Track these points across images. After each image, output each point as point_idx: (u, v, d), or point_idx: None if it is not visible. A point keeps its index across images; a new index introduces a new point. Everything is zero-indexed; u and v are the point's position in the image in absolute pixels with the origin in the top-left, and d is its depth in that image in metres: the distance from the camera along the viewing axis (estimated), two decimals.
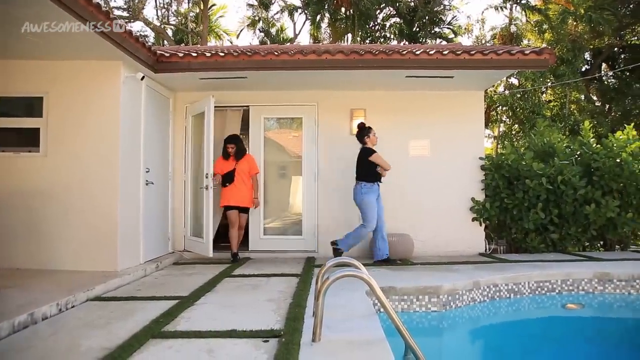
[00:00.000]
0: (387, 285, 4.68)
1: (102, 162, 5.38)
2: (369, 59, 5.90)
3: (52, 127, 5.44)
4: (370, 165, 6.25)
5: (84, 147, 5.40)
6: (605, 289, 5.49)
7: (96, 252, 5.29)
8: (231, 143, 6.63)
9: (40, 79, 5.46)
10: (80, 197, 5.36)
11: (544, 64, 6.20)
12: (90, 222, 5.34)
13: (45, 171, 5.42)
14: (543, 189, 6.98)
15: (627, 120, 19.00)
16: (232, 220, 6.59)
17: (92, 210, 5.35)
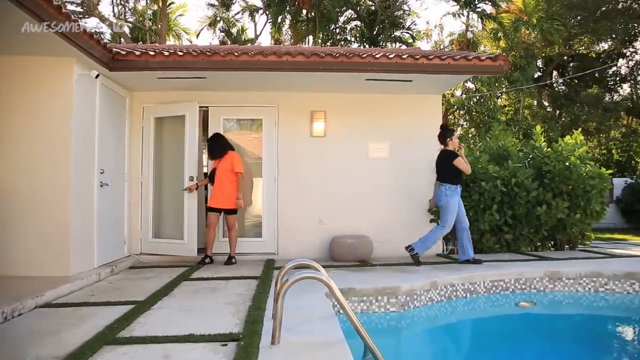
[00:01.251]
0: (346, 286, 4.71)
1: (52, 163, 5.17)
2: (330, 61, 5.92)
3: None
4: (453, 167, 6.20)
5: (33, 147, 5.17)
6: (555, 287, 5.71)
7: (46, 256, 5.08)
8: (208, 142, 6.57)
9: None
10: (29, 200, 5.12)
11: (498, 70, 6.39)
12: (40, 225, 5.11)
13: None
14: (498, 191, 7.19)
15: (576, 125, 19.81)
16: (208, 223, 6.50)
17: (42, 213, 5.13)
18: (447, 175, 6.23)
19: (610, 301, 5.53)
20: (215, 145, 6.51)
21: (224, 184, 6.37)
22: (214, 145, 6.52)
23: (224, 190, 6.37)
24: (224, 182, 6.38)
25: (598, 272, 5.74)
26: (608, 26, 19.83)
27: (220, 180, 6.38)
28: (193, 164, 6.79)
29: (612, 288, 5.66)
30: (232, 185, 6.40)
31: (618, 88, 25.56)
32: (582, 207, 7.49)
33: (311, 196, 7.13)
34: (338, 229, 7.01)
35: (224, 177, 6.38)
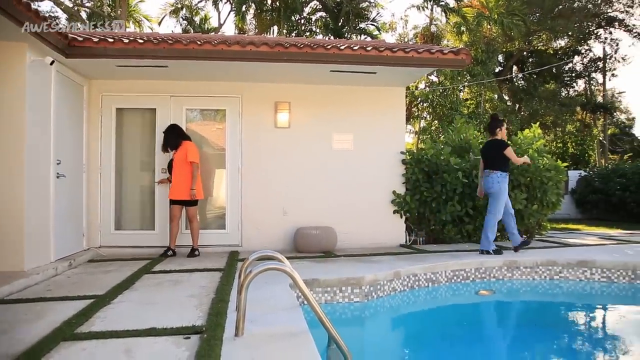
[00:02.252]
0: (310, 277, 4.73)
1: (5, 154, 4.95)
2: (294, 52, 5.88)
3: None
4: (503, 156, 6.29)
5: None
6: (513, 276, 5.89)
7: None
8: (164, 134, 6.44)
9: None
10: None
11: (460, 64, 6.50)
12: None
13: None
14: (459, 183, 7.34)
15: (534, 119, 20.47)
16: (171, 215, 6.37)
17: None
18: (498, 163, 6.34)
19: (564, 288, 5.76)
20: (169, 136, 6.37)
21: (180, 175, 6.24)
22: (167, 136, 6.38)
23: (181, 182, 6.24)
24: (180, 173, 6.24)
25: (553, 260, 5.95)
26: (564, 24, 20.46)
27: (178, 172, 6.25)
28: (165, 156, 6.73)
29: (566, 276, 5.89)
30: (187, 176, 6.28)
31: (573, 84, 26.49)
32: (539, 199, 7.75)
33: (275, 187, 7.10)
34: (302, 220, 7.02)
35: (180, 168, 6.25)
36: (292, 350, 2.80)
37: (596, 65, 25.93)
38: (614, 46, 24.91)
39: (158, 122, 6.93)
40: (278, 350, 2.79)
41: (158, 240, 6.78)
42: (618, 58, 25.49)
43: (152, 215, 6.94)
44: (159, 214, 6.89)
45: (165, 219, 6.79)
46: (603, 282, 5.77)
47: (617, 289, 5.66)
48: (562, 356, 4.03)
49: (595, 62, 25.86)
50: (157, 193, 6.91)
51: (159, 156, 6.89)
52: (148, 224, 6.96)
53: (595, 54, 25.85)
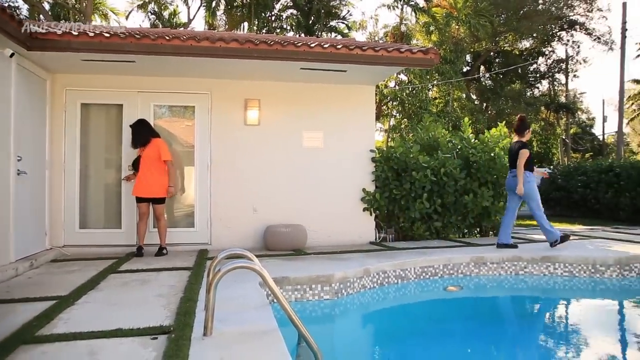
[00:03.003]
0: (280, 275, 4.71)
1: None
2: (264, 49, 5.84)
3: None
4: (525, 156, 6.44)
5: None
6: (480, 272, 6.01)
7: None
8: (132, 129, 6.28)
9: None
10: None
11: (429, 63, 6.58)
12: None
13: None
14: (428, 181, 7.44)
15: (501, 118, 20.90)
16: (139, 213, 6.25)
17: None
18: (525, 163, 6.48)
19: (529, 283, 5.90)
20: (140, 131, 6.21)
21: (150, 172, 6.10)
22: (137, 132, 6.22)
23: (151, 179, 6.10)
24: (150, 171, 6.10)
25: (518, 256, 6.10)
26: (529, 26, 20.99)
27: (147, 169, 6.10)
28: (133, 152, 6.57)
29: (531, 271, 6.04)
30: (161, 174, 6.14)
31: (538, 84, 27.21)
32: (504, 196, 7.90)
33: (245, 185, 7.05)
34: (272, 218, 6.99)
35: (150, 165, 6.10)
36: (262, 349, 2.78)
37: (559, 67, 26.71)
38: (575, 48, 25.73)
39: (125, 119, 6.78)
40: (247, 349, 2.77)
41: (125, 239, 6.64)
42: (579, 60, 26.34)
43: (119, 214, 6.79)
44: (126, 212, 6.75)
45: (132, 217, 6.67)
46: (565, 277, 5.94)
47: (578, 282, 5.85)
48: (527, 349, 4.13)
49: (558, 64, 26.63)
50: (123, 191, 6.76)
51: (125, 153, 6.74)
52: (114, 222, 6.81)
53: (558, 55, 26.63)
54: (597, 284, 5.79)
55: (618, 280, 5.83)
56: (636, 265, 5.96)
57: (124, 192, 6.75)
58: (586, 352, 4.06)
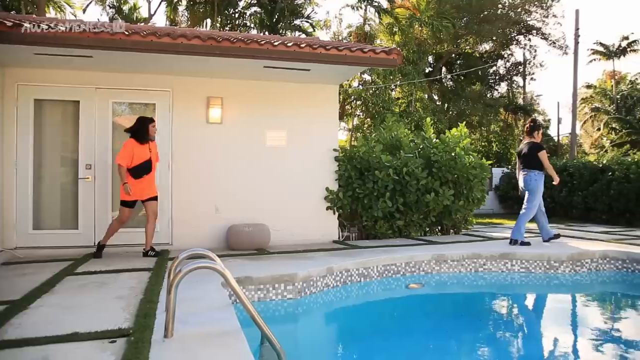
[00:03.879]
0: (243, 275, 4.68)
1: None
2: (227, 46, 5.77)
3: None
4: (538, 157, 6.92)
5: None
6: (441, 269, 6.13)
7: None
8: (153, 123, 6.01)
9: None
10: None
11: (392, 63, 6.65)
12: None
13: None
14: (390, 180, 7.52)
15: (461, 118, 21.38)
16: (156, 212, 6.06)
17: None
18: (536, 163, 6.97)
19: (487, 279, 6.06)
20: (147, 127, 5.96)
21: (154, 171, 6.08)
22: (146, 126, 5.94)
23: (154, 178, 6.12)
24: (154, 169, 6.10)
25: (478, 253, 6.25)
26: (489, 29, 21.54)
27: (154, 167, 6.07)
28: (89, 151, 6.46)
29: (490, 268, 6.20)
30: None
31: (497, 86, 27.98)
32: (465, 195, 8.10)
33: (207, 184, 6.95)
34: (235, 217, 6.92)
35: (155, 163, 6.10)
36: (224, 350, 2.75)
37: (517, 69, 27.54)
38: (532, 52, 26.61)
39: (82, 116, 6.58)
40: (209, 350, 2.73)
41: (82, 240, 6.45)
42: (536, 63, 27.26)
43: (75, 214, 6.57)
44: (83, 212, 6.54)
45: (90, 218, 6.51)
46: (522, 273, 6.13)
47: (534, 278, 6.04)
48: (487, 344, 4.23)
49: (516, 67, 27.46)
50: (80, 190, 6.55)
51: (83, 151, 6.54)
52: (70, 222, 6.59)
53: (517, 58, 27.45)
54: (551, 279, 6.00)
55: (570, 276, 6.06)
56: (587, 261, 6.21)
57: (81, 192, 6.55)
58: (541, 344, 4.21)
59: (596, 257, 6.27)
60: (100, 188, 6.60)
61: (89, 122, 6.60)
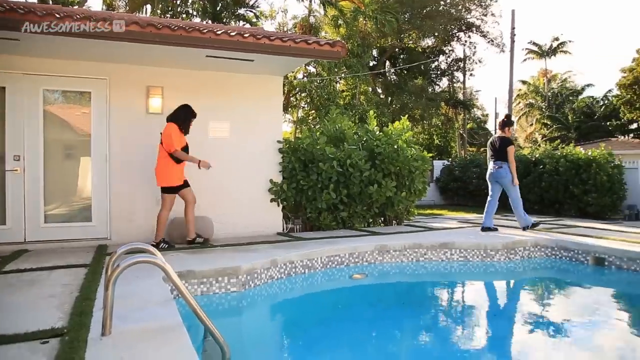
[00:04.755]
0: (185, 269, 4.58)
1: None
2: (167, 34, 5.58)
3: None
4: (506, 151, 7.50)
5: None
6: (384, 259, 6.25)
7: None
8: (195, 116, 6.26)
9: None
10: None
11: (336, 56, 6.68)
12: None
13: None
14: (334, 172, 7.58)
15: (404, 112, 21.83)
16: (195, 198, 6.25)
17: None
18: (505, 156, 7.51)
19: (428, 268, 6.25)
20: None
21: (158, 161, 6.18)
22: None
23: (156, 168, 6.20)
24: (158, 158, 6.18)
25: (419, 243, 6.43)
26: (431, 25, 22.06)
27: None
28: (17, 141, 6.11)
29: (430, 257, 6.40)
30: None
31: (439, 81, 28.79)
32: (407, 186, 8.30)
33: (148, 176, 6.70)
34: (177, 210, 6.72)
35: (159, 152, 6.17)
36: (165, 346, 2.68)
37: (458, 65, 28.41)
38: (472, 49, 27.52)
39: (8, 104, 6.16)
40: (150, 347, 2.66)
41: (10, 236, 6.07)
42: (475, 60, 28.21)
43: (3, 208, 6.17)
44: (12, 207, 6.14)
45: (19, 212, 6.14)
46: (461, 261, 6.37)
47: (472, 266, 6.29)
48: (429, 330, 4.38)
49: (457, 62, 28.32)
50: (8, 183, 6.15)
51: (9, 142, 6.13)
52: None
53: (457, 54, 28.32)
54: (487, 267, 6.27)
55: (505, 263, 6.35)
56: (520, 249, 6.53)
57: (9, 185, 6.16)
58: (479, 328, 4.39)
59: (528, 245, 6.60)
60: (30, 181, 6.23)
61: (17, 110, 6.20)
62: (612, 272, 5.82)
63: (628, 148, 22.83)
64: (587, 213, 11.07)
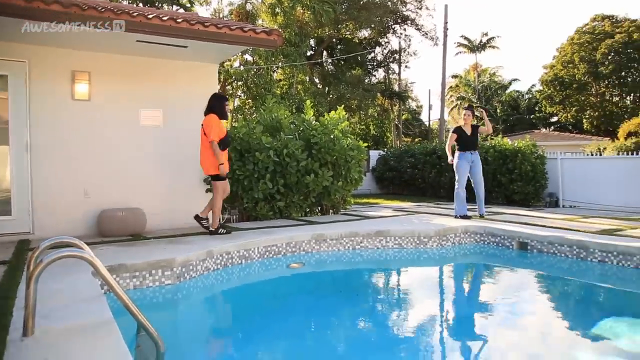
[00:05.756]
0: (116, 263, 4.41)
1: None
2: (93, 15, 5.27)
3: None
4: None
5: None
6: (321, 248, 6.31)
7: None
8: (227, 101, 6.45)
9: None
10: None
11: (272, 44, 6.61)
12: None
13: None
14: (271, 161, 7.54)
15: (341, 102, 22.03)
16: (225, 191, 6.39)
17: None
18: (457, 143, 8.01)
19: (364, 256, 6.38)
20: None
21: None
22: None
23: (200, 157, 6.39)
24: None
25: (355, 232, 6.54)
26: (368, 16, 22.33)
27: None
28: None
29: (366, 245, 6.53)
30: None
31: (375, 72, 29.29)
32: (343, 176, 8.40)
33: (74, 166, 6.39)
34: (107, 201, 6.47)
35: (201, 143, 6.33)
36: (94, 343, 2.57)
37: (393, 57, 29.02)
38: (407, 41, 28.19)
39: None
40: (77, 346, 2.53)
41: None
42: (410, 52, 28.93)
43: None
44: None
45: None
46: (395, 249, 6.55)
47: (406, 253, 6.48)
48: (365, 316, 4.46)
49: (392, 54, 28.91)
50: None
51: None
52: None
53: (393, 46, 28.90)
54: (421, 253, 6.48)
55: (437, 250, 6.60)
56: (451, 236, 6.80)
57: None
58: (414, 313, 4.54)
59: (459, 232, 6.89)
60: None
61: None
62: (534, 255, 6.19)
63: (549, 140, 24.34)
64: (513, 201, 11.71)
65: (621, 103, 33.59)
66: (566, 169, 11.97)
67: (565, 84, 34.19)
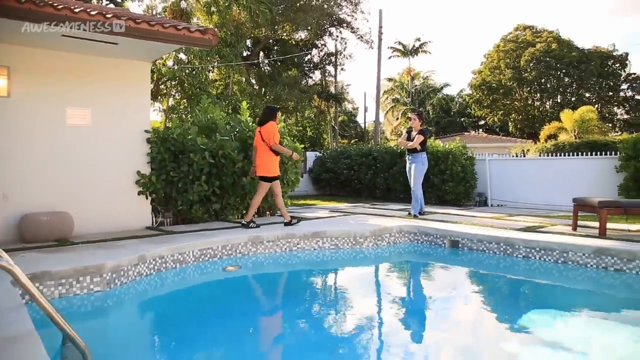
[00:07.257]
0: (39, 270, 4.17)
1: None
2: (12, 6, 4.94)
3: None
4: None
5: None
6: (257, 250, 6.28)
7: None
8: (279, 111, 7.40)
9: None
10: None
11: (207, 43, 6.50)
12: None
13: None
14: (206, 163, 7.41)
15: (278, 103, 21.99)
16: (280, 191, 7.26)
17: None
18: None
19: (301, 257, 6.41)
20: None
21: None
22: None
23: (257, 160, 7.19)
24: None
25: (292, 233, 6.56)
26: (304, 18, 22.43)
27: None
28: None
29: (303, 246, 6.57)
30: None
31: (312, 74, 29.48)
32: (280, 177, 8.37)
33: None
34: (30, 205, 6.09)
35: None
36: (14, 357, 2.41)
37: (330, 59, 29.31)
38: (343, 44, 28.58)
39: None
40: None
41: None
42: (346, 55, 29.36)
43: None
44: None
45: None
46: (332, 249, 6.63)
47: (342, 253, 6.58)
48: (302, 317, 4.47)
49: (329, 56, 29.20)
50: None
51: None
52: None
53: (329, 49, 29.19)
54: (357, 253, 6.60)
55: (373, 249, 6.76)
56: (387, 236, 6.98)
57: None
58: (351, 312, 4.61)
59: (394, 231, 7.08)
60: None
61: None
62: (464, 253, 6.48)
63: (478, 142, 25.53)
64: (446, 200, 12.18)
65: (542, 107, 35.89)
66: (494, 170, 12.62)
67: (492, 89, 36.09)
